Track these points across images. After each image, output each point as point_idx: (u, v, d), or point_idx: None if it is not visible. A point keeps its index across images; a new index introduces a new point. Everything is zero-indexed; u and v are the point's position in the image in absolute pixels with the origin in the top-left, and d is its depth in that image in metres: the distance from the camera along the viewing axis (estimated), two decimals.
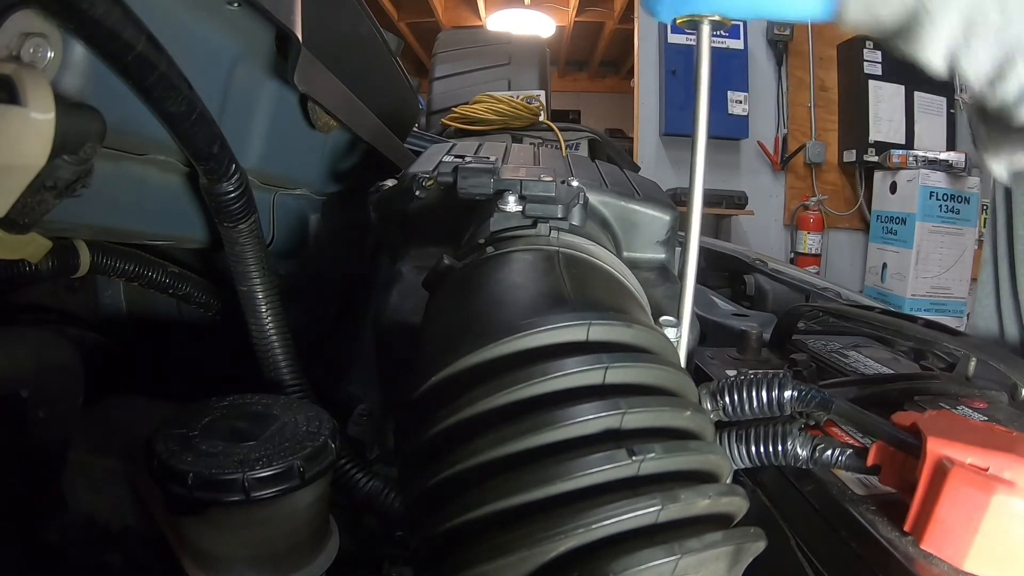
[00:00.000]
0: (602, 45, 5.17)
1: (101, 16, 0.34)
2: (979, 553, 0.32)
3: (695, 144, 0.41)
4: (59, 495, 0.48)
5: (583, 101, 6.03)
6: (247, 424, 0.47)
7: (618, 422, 0.29)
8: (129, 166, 0.49)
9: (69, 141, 0.36)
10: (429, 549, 0.30)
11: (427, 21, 4.50)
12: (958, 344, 0.53)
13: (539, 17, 4.56)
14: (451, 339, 0.36)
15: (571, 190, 0.51)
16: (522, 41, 2.77)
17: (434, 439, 0.31)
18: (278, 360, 0.61)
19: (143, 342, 0.74)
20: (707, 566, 0.27)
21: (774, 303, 1.14)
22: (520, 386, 0.29)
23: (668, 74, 3.34)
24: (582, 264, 0.42)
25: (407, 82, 1.01)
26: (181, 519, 0.44)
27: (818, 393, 0.40)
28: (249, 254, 0.59)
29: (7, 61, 0.34)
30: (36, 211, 0.37)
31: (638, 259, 0.61)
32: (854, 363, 0.65)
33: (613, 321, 0.32)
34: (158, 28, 0.39)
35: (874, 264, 3.40)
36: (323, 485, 0.47)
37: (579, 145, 2.23)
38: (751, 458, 0.41)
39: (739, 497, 0.30)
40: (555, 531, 0.25)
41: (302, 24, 0.53)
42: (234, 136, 0.54)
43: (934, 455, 0.34)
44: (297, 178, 0.76)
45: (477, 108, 2.21)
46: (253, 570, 0.45)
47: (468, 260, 0.43)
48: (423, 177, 0.57)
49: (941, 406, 0.50)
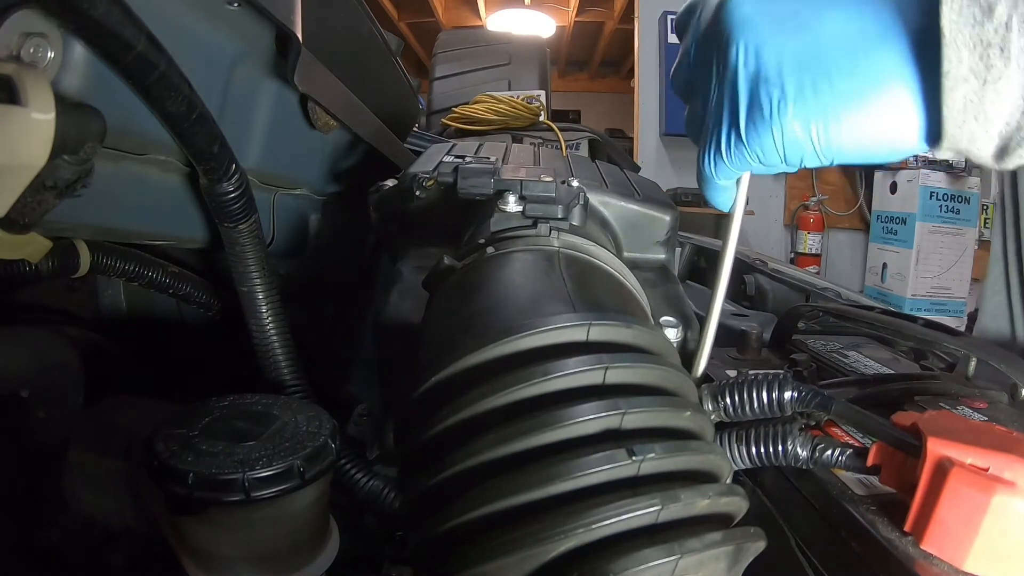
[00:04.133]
0: (602, 45, 5.17)
1: (101, 16, 0.34)
2: (979, 553, 0.32)
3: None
4: (59, 495, 0.48)
5: (583, 101, 6.03)
6: (247, 424, 0.47)
7: (618, 422, 0.29)
8: (129, 166, 0.49)
9: (69, 141, 0.36)
10: (429, 549, 0.30)
11: (427, 21, 4.50)
12: (958, 344, 0.53)
13: (539, 17, 4.56)
14: (451, 339, 0.36)
15: (571, 190, 0.51)
16: (522, 41, 2.77)
17: (434, 439, 0.31)
18: (278, 360, 0.61)
19: (143, 342, 0.74)
20: (707, 566, 0.27)
21: (774, 303, 1.14)
22: (520, 386, 0.29)
23: (668, 74, 3.33)
24: (582, 264, 0.42)
25: (407, 82, 1.01)
26: (181, 519, 0.44)
27: (818, 393, 0.40)
28: (249, 254, 0.59)
29: (7, 61, 0.34)
30: (36, 211, 0.37)
31: (638, 259, 0.61)
32: (854, 363, 0.65)
33: (613, 321, 0.32)
34: (158, 28, 0.39)
35: (874, 264, 3.40)
36: (323, 485, 0.47)
37: (579, 145, 2.23)
38: (751, 459, 0.41)
39: (739, 497, 0.30)
40: (555, 531, 0.25)
41: (302, 24, 0.53)
42: (234, 136, 0.54)
43: (934, 455, 0.34)
44: (297, 178, 0.76)
45: (477, 108, 2.21)
46: (253, 570, 0.45)
47: (468, 260, 0.43)
48: (423, 177, 0.57)
49: (941, 406, 0.50)
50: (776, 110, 0.32)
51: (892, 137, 0.32)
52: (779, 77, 0.32)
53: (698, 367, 0.43)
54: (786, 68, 0.32)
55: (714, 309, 0.42)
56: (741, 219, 0.41)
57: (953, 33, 0.28)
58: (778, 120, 0.33)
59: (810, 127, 0.32)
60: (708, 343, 0.43)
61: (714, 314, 0.42)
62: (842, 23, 0.32)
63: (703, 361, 0.43)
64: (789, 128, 0.33)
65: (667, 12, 3.30)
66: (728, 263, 0.41)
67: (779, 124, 0.33)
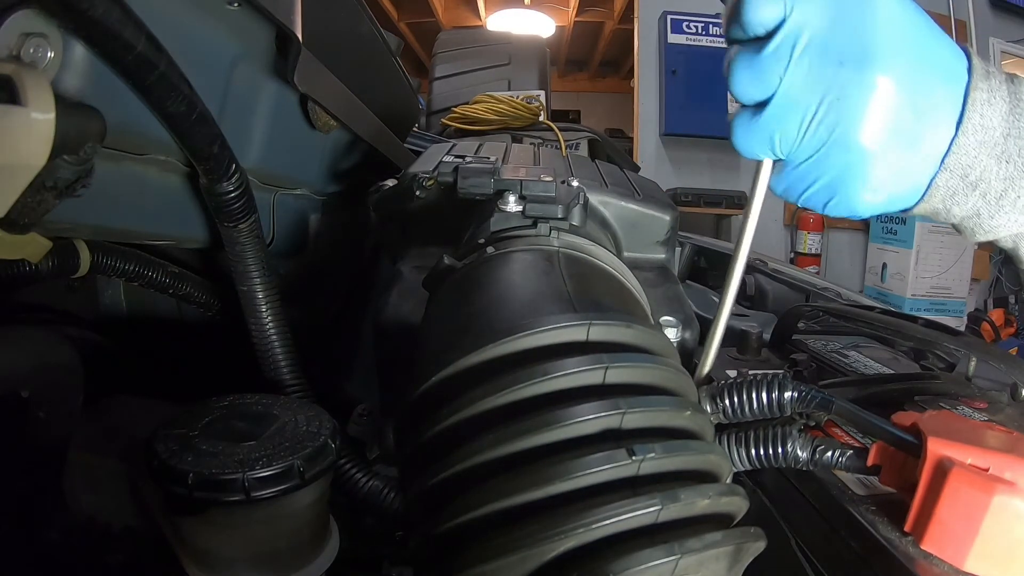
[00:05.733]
0: (602, 45, 5.17)
1: (101, 16, 0.34)
2: (980, 553, 0.32)
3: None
4: (59, 495, 0.48)
5: (583, 101, 6.03)
6: (247, 424, 0.47)
7: (618, 422, 0.29)
8: (129, 166, 0.49)
9: (69, 141, 0.36)
10: (429, 549, 0.30)
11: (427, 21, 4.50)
12: (958, 344, 0.53)
13: (539, 17, 4.55)
14: (451, 339, 0.36)
15: (571, 190, 0.51)
16: (522, 41, 2.77)
17: (434, 439, 0.31)
18: (278, 360, 0.61)
19: (143, 342, 0.74)
20: (707, 566, 0.27)
21: (774, 303, 1.14)
22: (520, 386, 0.29)
23: (668, 74, 3.33)
24: (582, 264, 0.42)
25: (407, 82, 1.01)
26: (181, 519, 0.44)
27: (818, 393, 0.40)
28: (249, 254, 0.59)
29: (7, 61, 0.34)
30: (36, 211, 0.37)
31: (638, 259, 0.61)
32: (854, 363, 0.65)
33: (613, 321, 0.32)
34: (158, 28, 0.39)
35: (874, 264, 3.40)
36: (323, 485, 0.47)
37: (579, 145, 2.23)
38: (751, 460, 0.41)
39: (739, 497, 0.30)
40: (555, 531, 0.25)
41: (302, 24, 0.53)
42: (234, 136, 0.54)
43: (934, 455, 0.34)
44: (297, 178, 0.76)
45: (477, 108, 2.21)
46: (253, 570, 0.45)
47: (468, 260, 0.43)
48: (423, 177, 0.57)
49: (941, 406, 0.50)
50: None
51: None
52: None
53: (703, 368, 0.43)
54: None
55: (728, 296, 0.41)
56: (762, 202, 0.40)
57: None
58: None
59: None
60: (716, 342, 0.42)
61: (726, 306, 0.42)
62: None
63: (709, 362, 0.43)
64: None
65: (667, 12, 3.30)
66: (749, 235, 0.40)
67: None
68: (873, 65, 0.33)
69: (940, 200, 0.36)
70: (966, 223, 0.37)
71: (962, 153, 0.34)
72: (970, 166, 0.35)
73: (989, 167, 0.35)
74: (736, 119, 0.37)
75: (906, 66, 0.33)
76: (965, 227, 0.38)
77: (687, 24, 3.29)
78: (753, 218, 0.40)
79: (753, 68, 0.35)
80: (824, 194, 0.36)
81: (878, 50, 0.33)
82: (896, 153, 0.34)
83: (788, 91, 0.34)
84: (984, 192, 0.35)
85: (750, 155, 0.37)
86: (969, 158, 0.34)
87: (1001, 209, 0.35)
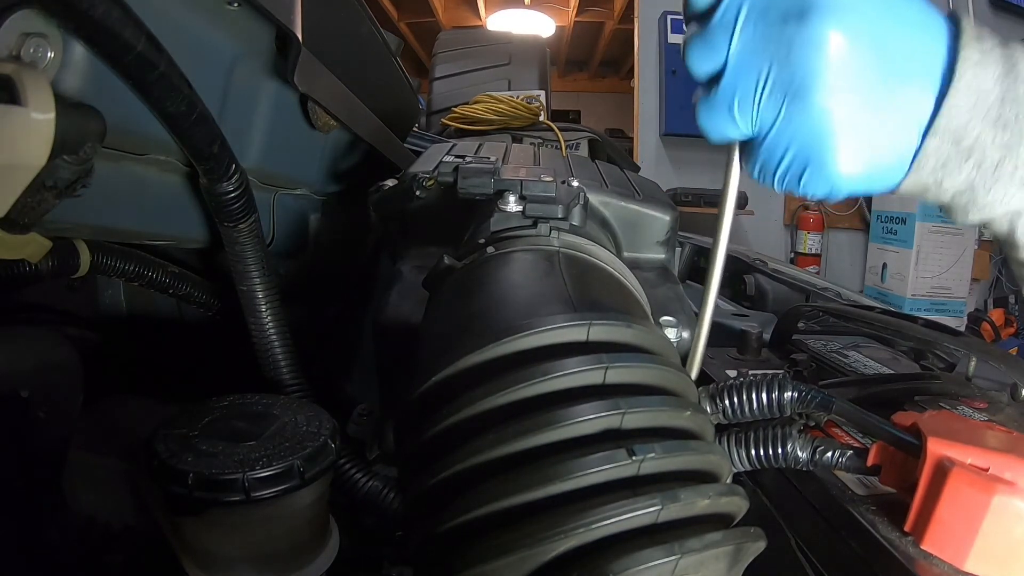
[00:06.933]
0: (602, 45, 5.17)
1: (101, 16, 0.34)
2: (980, 553, 0.32)
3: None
4: (59, 495, 0.48)
5: (583, 101, 6.03)
6: (247, 424, 0.47)
7: (618, 422, 0.29)
8: (129, 166, 0.49)
9: (69, 141, 0.36)
10: (429, 549, 0.30)
11: (427, 21, 4.49)
12: (958, 344, 0.54)
13: (539, 17, 4.55)
14: (451, 339, 0.36)
15: (571, 190, 0.51)
16: (522, 41, 2.77)
17: (434, 439, 0.31)
18: (278, 360, 0.61)
19: (143, 342, 0.74)
20: (707, 566, 0.27)
21: (774, 303, 1.14)
22: (520, 386, 0.29)
23: (668, 74, 3.33)
24: (582, 264, 0.42)
25: (407, 82, 1.01)
26: (181, 519, 0.44)
27: (818, 394, 0.40)
28: (249, 254, 0.59)
29: (7, 61, 0.34)
30: (36, 211, 0.37)
31: (638, 259, 0.61)
32: (854, 363, 0.65)
33: (613, 321, 0.32)
34: (158, 28, 0.39)
35: (874, 264, 3.39)
36: (323, 485, 0.47)
37: (579, 145, 2.23)
38: (751, 461, 0.41)
39: (739, 497, 0.30)
40: (555, 531, 0.25)
41: (302, 24, 0.53)
42: (234, 136, 0.54)
43: (934, 455, 0.34)
44: (297, 178, 0.76)
45: (477, 108, 2.20)
46: (253, 570, 0.45)
47: (468, 260, 0.43)
48: (423, 177, 0.57)
49: (941, 406, 0.50)
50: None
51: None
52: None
53: (691, 367, 0.42)
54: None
55: (709, 297, 0.41)
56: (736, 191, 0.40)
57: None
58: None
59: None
60: (702, 341, 0.42)
61: (707, 309, 0.42)
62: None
63: (697, 362, 0.42)
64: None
65: (667, 12, 3.29)
66: (726, 223, 0.40)
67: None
68: (817, 19, 0.32)
69: (931, 171, 0.34)
70: (958, 200, 0.35)
71: (953, 116, 0.33)
72: (963, 131, 0.33)
73: (984, 133, 0.33)
74: (699, 102, 0.37)
75: (862, 20, 0.32)
76: (957, 205, 0.35)
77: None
78: (729, 208, 0.40)
79: (704, 41, 0.35)
80: (797, 166, 0.35)
81: (821, 4, 0.32)
82: (866, 114, 0.33)
83: (738, 57, 0.34)
84: (979, 161, 0.33)
85: (716, 135, 0.37)
86: (962, 122, 0.33)
87: (997, 181, 0.33)
